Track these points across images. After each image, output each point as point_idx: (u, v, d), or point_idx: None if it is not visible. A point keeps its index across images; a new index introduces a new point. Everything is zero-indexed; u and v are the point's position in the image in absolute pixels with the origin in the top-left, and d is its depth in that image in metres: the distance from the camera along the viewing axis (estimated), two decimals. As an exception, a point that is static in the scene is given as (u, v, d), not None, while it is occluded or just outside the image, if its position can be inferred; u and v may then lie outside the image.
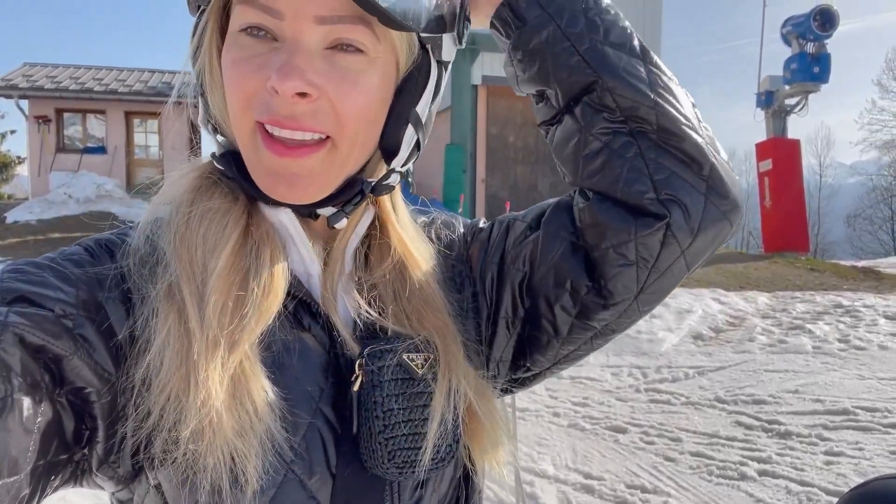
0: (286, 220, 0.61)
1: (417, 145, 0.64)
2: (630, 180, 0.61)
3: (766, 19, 14.56)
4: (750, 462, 3.91)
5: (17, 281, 0.51)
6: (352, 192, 0.62)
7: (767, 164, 14.07)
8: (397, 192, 0.71)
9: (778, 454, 4.02)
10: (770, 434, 4.40)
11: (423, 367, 0.60)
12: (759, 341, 6.94)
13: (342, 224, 0.63)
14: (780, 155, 13.91)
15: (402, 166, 0.64)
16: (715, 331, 7.49)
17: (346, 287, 0.65)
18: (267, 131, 0.56)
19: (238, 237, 0.58)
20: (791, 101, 14.11)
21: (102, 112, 15.52)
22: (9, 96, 14.90)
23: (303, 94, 0.54)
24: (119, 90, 14.95)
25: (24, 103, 15.05)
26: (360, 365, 0.58)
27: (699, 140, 0.61)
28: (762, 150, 14.35)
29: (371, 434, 0.57)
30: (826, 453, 4.04)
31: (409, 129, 0.62)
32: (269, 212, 0.62)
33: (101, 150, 15.65)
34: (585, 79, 0.62)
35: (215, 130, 0.62)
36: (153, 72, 16.57)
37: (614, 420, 4.60)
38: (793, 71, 13.35)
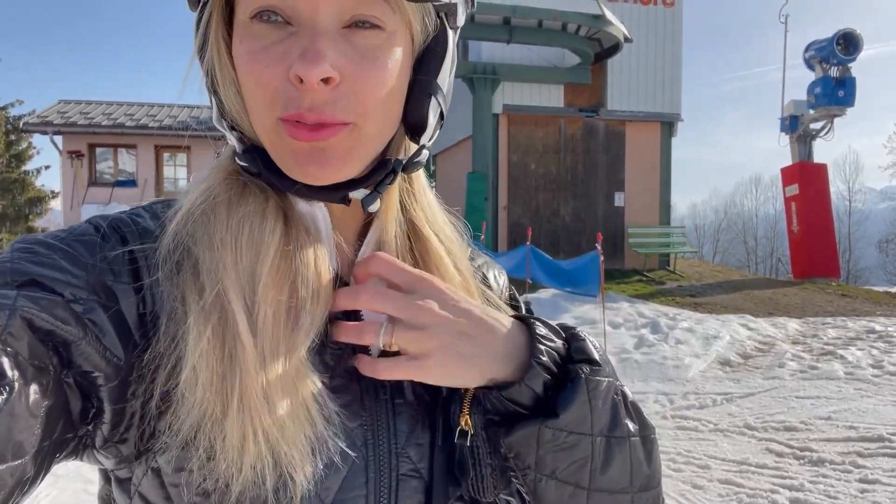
0: (319, 215, 0.61)
1: (441, 116, 0.62)
2: None
3: (788, 44, 14.54)
4: (781, 490, 3.80)
5: (27, 262, 0.51)
6: (383, 172, 0.60)
7: (794, 189, 13.90)
8: (430, 197, 0.70)
9: (811, 482, 3.90)
10: (802, 461, 4.27)
11: None
12: (789, 367, 6.78)
13: (376, 207, 0.62)
14: (807, 179, 13.74)
15: (429, 141, 0.63)
16: (743, 357, 7.34)
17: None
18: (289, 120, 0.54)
19: (279, 241, 0.56)
20: (816, 126, 13.97)
21: (133, 146, 15.93)
22: (44, 132, 15.42)
23: (326, 80, 0.52)
24: (149, 125, 15.37)
25: (59, 139, 15.53)
26: (466, 422, 0.58)
27: None
28: (788, 175, 14.19)
29: (484, 476, 0.58)
30: (861, 481, 3.91)
31: (433, 102, 0.60)
32: (303, 206, 0.61)
33: (131, 183, 16.04)
34: None
35: (231, 128, 0.59)
36: (182, 107, 17.02)
37: (640, 447, 4.51)
38: (817, 95, 13.25)
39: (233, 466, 0.50)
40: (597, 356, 0.60)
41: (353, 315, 0.61)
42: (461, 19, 0.62)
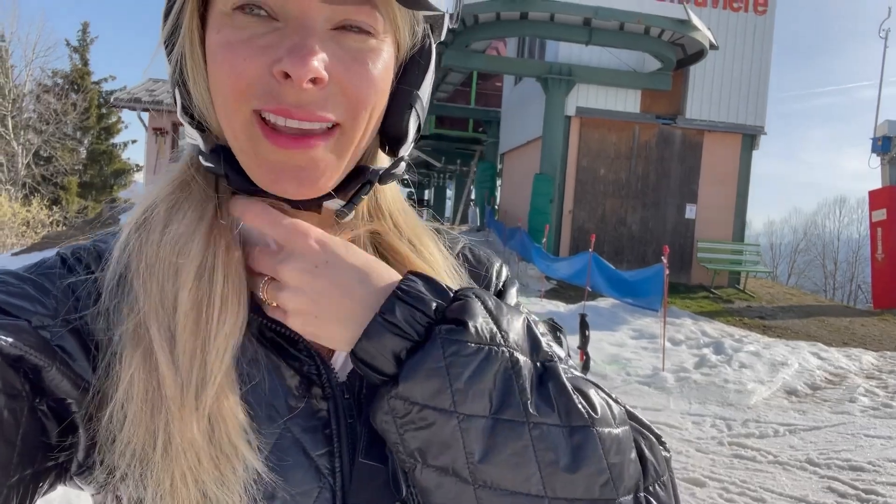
0: None
1: (418, 128, 0.60)
2: None
3: (887, 61, 13.71)
4: (842, 534, 3.58)
5: None
6: (359, 183, 0.58)
7: (881, 214, 13.13)
8: (398, 197, 0.68)
9: (875, 529, 3.66)
10: (867, 506, 4.01)
11: None
12: (860, 403, 6.39)
13: (350, 217, 0.60)
14: (897, 205, 12.94)
15: (406, 153, 0.61)
16: (811, 387, 6.97)
17: None
18: (266, 121, 0.52)
19: (199, 264, 0.53)
20: (912, 148, 13.14)
21: (213, 127, 16.54)
22: (132, 108, 16.20)
23: (314, 81, 0.49)
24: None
25: (146, 115, 16.28)
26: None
27: None
28: (876, 199, 13.42)
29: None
30: (932, 535, 3.64)
31: (413, 114, 0.59)
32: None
33: (209, 162, 16.68)
34: None
35: (199, 126, 0.57)
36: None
37: (692, 472, 4.34)
38: (915, 116, 12.43)
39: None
40: (473, 317, 0.50)
41: None
42: (444, 34, 0.61)
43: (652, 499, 0.51)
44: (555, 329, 0.68)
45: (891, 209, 12.94)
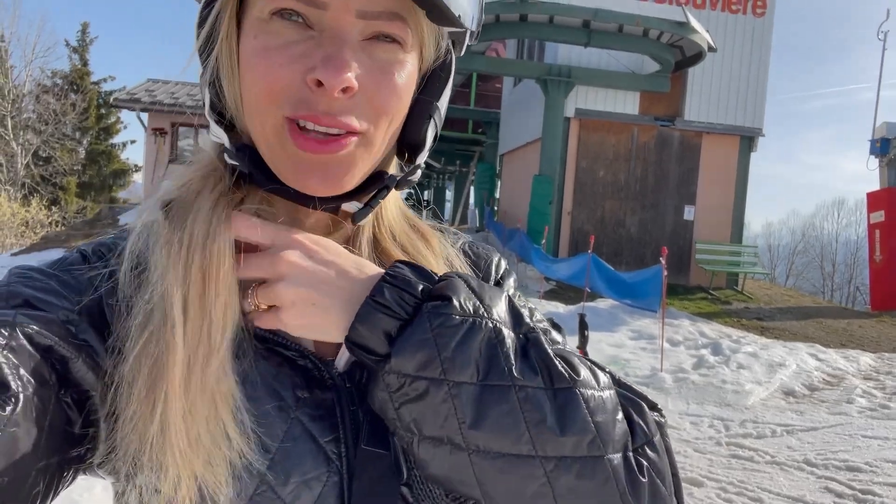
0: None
1: (435, 138, 0.64)
2: None
3: (886, 63, 13.75)
4: (838, 534, 3.60)
5: (23, 286, 0.53)
6: (377, 187, 0.61)
7: (879, 216, 13.16)
8: (394, 214, 0.70)
9: (872, 529, 3.68)
10: (864, 506, 4.03)
11: None
12: (858, 404, 6.42)
13: (366, 221, 0.63)
14: (895, 206, 12.97)
15: (422, 161, 0.64)
16: (809, 388, 7.00)
17: None
18: (297, 125, 0.54)
19: (219, 246, 0.55)
20: (910, 150, 13.17)
21: (213, 127, 16.50)
22: (132, 109, 16.19)
23: (345, 90, 0.52)
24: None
25: (145, 116, 16.28)
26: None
27: None
28: (874, 201, 13.45)
29: (422, 479, 0.57)
30: (928, 534, 3.66)
31: (431, 124, 0.61)
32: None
33: (208, 162, 16.63)
34: None
35: (227, 125, 0.59)
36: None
37: (690, 472, 4.36)
38: (913, 118, 12.46)
39: (170, 487, 0.50)
40: (456, 293, 0.53)
41: None
42: (464, 49, 0.63)
43: (642, 459, 0.53)
44: (555, 330, 0.70)
45: (889, 211, 12.97)
